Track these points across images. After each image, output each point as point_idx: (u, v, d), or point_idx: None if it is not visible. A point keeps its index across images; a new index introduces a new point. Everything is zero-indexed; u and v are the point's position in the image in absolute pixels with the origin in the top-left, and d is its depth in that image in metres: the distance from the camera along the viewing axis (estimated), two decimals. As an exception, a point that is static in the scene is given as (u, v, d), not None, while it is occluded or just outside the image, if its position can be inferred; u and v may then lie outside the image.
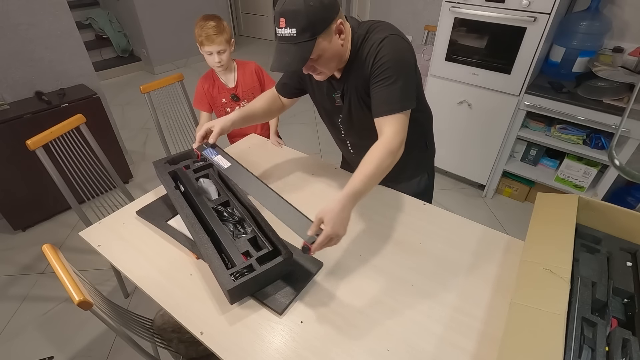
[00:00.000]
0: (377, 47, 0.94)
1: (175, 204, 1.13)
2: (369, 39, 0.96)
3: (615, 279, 0.87)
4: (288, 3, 0.85)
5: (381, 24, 0.99)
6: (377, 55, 0.94)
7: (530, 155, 2.35)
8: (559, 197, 1.08)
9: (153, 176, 2.76)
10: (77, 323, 1.75)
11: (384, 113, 0.97)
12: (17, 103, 2.14)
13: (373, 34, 0.96)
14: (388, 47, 0.93)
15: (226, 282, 0.91)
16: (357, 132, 1.19)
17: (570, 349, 0.72)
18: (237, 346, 0.87)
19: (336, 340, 0.88)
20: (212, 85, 1.62)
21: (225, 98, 1.63)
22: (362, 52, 0.98)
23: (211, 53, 1.49)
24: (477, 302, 0.97)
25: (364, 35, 0.98)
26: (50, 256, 0.94)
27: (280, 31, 0.88)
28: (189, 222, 1.07)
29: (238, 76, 1.62)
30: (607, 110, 1.82)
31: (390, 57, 0.93)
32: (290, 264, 0.99)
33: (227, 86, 1.61)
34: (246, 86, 1.61)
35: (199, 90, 1.64)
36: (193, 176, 1.23)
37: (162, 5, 4.21)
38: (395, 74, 0.94)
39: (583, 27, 1.95)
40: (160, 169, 1.24)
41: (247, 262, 0.96)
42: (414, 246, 1.14)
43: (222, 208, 1.14)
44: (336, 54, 0.96)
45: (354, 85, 1.04)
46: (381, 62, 0.94)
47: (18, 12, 2.06)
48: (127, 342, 0.99)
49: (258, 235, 1.04)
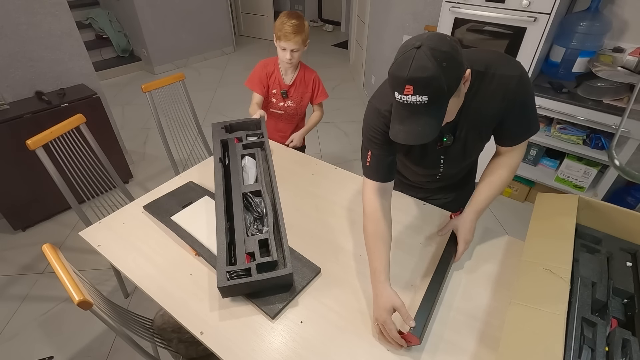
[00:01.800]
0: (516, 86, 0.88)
1: (215, 177, 1.14)
2: (497, 76, 0.89)
3: (615, 279, 0.87)
4: (417, 69, 0.70)
5: (496, 56, 0.91)
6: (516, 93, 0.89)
7: (530, 156, 2.35)
8: (559, 197, 1.08)
9: (153, 176, 2.76)
10: (77, 323, 1.75)
11: (517, 142, 1.02)
12: (17, 103, 2.14)
13: (500, 70, 0.89)
14: (526, 85, 0.90)
15: (220, 279, 0.92)
16: (458, 164, 1.14)
17: (570, 349, 0.72)
18: (237, 346, 0.87)
19: (336, 340, 0.88)
20: (270, 72, 1.65)
21: (276, 90, 1.66)
22: (487, 89, 0.90)
23: (285, 49, 1.52)
24: (477, 302, 0.97)
25: (483, 72, 0.89)
26: (50, 256, 0.94)
27: (404, 98, 0.73)
28: (218, 203, 1.09)
29: (297, 77, 1.65)
30: (607, 110, 1.82)
31: (529, 94, 0.93)
32: (287, 280, 0.96)
33: (283, 81, 1.64)
34: (300, 89, 1.66)
35: (257, 72, 1.66)
36: (240, 151, 1.23)
37: (162, 5, 4.21)
38: (532, 107, 0.96)
39: (583, 27, 1.95)
40: (215, 134, 1.26)
41: (247, 265, 0.96)
42: (414, 246, 1.14)
43: (251, 196, 1.13)
44: (460, 103, 0.86)
45: (473, 123, 0.96)
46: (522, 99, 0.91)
47: (18, 12, 2.06)
48: (127, 342, 0.99)
49: (270, 239, 1.02)
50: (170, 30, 4.42)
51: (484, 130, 1.00)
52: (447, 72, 0.71)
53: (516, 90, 0.89)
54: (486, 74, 0.89)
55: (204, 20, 4.70)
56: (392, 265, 1.07)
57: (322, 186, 1.40)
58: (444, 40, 0.72)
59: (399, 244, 1.15)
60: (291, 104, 1.69)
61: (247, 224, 1.08)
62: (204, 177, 1.44)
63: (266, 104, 1.73)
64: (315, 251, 1.11)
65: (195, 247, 1.09)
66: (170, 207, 1.26)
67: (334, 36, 6.02)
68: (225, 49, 5.17)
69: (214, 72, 4.61)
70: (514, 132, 1.00)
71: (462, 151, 1.05)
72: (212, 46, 5.00)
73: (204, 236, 1.13)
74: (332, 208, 1.29)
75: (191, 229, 1.15)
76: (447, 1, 2.08)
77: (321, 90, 1.72)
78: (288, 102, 1.68)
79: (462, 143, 1.02)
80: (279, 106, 1.70)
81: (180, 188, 1.36)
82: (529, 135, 1.00)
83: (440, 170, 1.14)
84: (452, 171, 1.17)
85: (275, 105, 1.71)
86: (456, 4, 2.05)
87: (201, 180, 1.42)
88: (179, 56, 4.67)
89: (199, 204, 1.27)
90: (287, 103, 1.68)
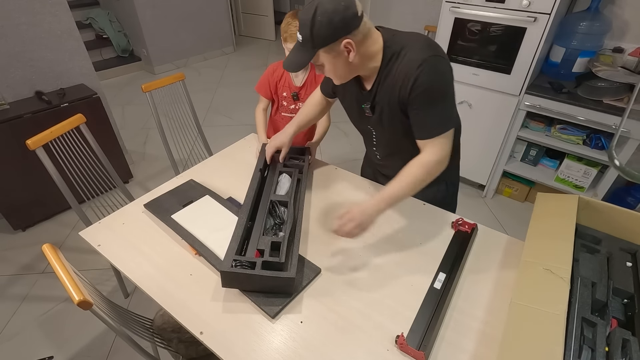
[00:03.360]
0: (417, 70, 0.90)
1: (251, 183, 1.25)
2: (406, 58, 0.94)
3: (615, 279, 0.87)
4: (304, 11, 0.89)
5: (418, 40, 0.96)
6: (417, 79, 0.91)
7: (530, 156, 2.35)
8: (559, 197, 1.08)
9: (153, 175, 2.76)
10: (77, 323, 1.75)
11: (423, 137, 1.00)
12: (17, 103, 2.14)
13: (410, 53, 0.93)
14: (428, 71, 0.90)
15: (225, 264, 0.94)
16: (386, 143, 1.20)
17: (570, 349, 0.72)
18: (237, 346, 0.87)
19: (336, 340, 0.88)
20: (280, 75, 1.63)
21: (287, 92, 1.64)
22: (397, 70, 0.95)
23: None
24: (477, 302, 0.97)
25: (398, 52, 0.95)
26: (50, 256, 0.94)
27: (297, 32, 0.93)
28: (248, 198, 1.18)
29: (308, 77, 1.63)
30: (607, 110, 1.82)
31: (431, 84, 0.92)
32: (287, 284, 0.96)
33: (294, 82, 1.62)
34: (311, 90, 1.63)
35: (267, 76, 1.65)
36: (280, 168, 1.34)
37: (162, 5, 4.21)
38: (436, 99, 0.94)
39: (583, 27, 1.95)
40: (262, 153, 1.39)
41: (254, 259, 0.97)
42: (414, 246, 1.14)
43: (278, 204, 1.19)
44: (342, 68, 0.97)
45: (386, 101, 1.02)
46: (422, 88, 0.92)
47: (18, 12, 2.06)
48: (127, 342, 0.99)
49: (283, 243, 1.03)
50: (170, 30, 4.42)
51: (395, 111, 1.02)
52: (318, 26, 0.86)
53: (416, 75, 0.91)
54: (400, 54, 0.95)
55: (204, 20, 4.70)
56: (392, 265, 1.07)
57: (321, 186, 1.40)
58: (336, 2, 0.86)
59: (399, 243, 1.15)
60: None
61: (266, 226, 1.12)
62: (204, 176, 1.44)
63: (277, 108, 1.71)
64: (315, 251, 1.11)
65: (196, 246, 1.09)
66: (170, 205, 1.26)
67: (334, 36, 6.01)
68: (225, 49, 5.17)
69: (214, 72, 4.61)
70: (416, 125, 1.01)
71: (379, 128, 1.13)
72: (212, 46, 5.00)
73: (204, 235, 1.13)
74: (332, 208, 1.29)
75: (191, 228, 1.15)
76: (447, 1, 2.08)
77: None
78: (300, 104, 1.66)
79: (378, 119, 1.09)
80: (291, 109, 1.68)
81: (181, 186, 1.36)
82: (428, 133, 0.98)
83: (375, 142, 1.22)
84: (384, 150, 1.23)
85: (287, 109, 1.68)
86: (456, 4, 2.05)
87: (202, 179, 1.41)
88: (179, 56, 4.67)
89: (200, 203, 1.27)
90: (298, 105, 1.66)
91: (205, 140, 2.06)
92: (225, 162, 1.56)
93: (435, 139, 0.99)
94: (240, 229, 1.06)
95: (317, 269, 1.05)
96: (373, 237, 1.17)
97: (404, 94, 0.96)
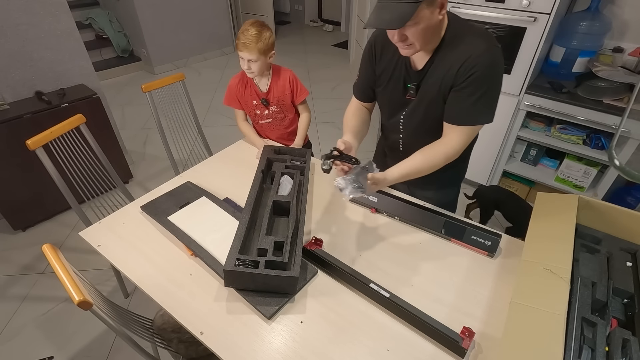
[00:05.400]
0: (478, 57, 0.90)
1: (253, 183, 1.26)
2: (468, 39, 0.92)
3: (615, 279, 0.87)
4: None
5: (481, 30, 0.95)
6: (475, 65, 0.90)
7: (530, 155, 2.35)
8: (559, 197, 1.08)
9: (153, 175, 2.76)
10: (77, 323, 1.75)
11: (457, 122, 0.99)
12: (17, 103, 2.14)
13: (474, 37, 0.92)
14: (489, 59, 0.90)
15: (228, 263, 0.95)
16: (415, 130, 1.16)
17: (570, 349, 0.72)
18: (237, 346, 0.87)
19: (336, 340, 0.88)
20: (244, 86, 1.62)
21: (255, 100, 1.63)
22: (455, 50, 0.94)
23: (242, 59, 1.48)
24: (477, 302, 0.97)
25: (461, 35, 0.94)
26: (50, 256, 0.94)
27: None
28: (250, 197, 1.19)
29: (271, 82, 1.61)
30: (607, 110, 1.82)
31: (487, 72, 0.91)
32: (290, 284, 0.97)
33: (259, 89, 1.61)
34: (278, 93, 1.61)
35: (231, 88, 1.64)
36: (281, 169, 1.34)
37: (162, 5, 4.21)
38: (485, 88, 0.93)
39: (583, 27, 1.95)
40: (264, 153, 1.43)
41: (257, 258, 0.97)
42: (413, 246, 1.14)
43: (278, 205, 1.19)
44: (432, 28, 0.91)
45: (438, 84, 0.99)
46: (477, 75, 0.91)
47: (18, 12, 2.06)
48: (127, 342, 0.99)
49: (286, 243, 1.03)
50: (170, 30, 4.42)
51: (441, 95, 1.00)
52: None
53: (474, 60, 0.91)
54: (461, 37, 0.94)
55: (204, 20, 4.70)
56: (392, 265, 1.07)
57: (321, 186, 1.40)
58: None
59: (399, 243, 1.15)
60: (275, 109, 1.64)
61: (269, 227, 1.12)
62: (203, 177, 1.44)
63: (253, 118, 1.70)
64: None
65: (192, 247, 1.09)
66: (167, 207, 1.26)
67: (334, 36, 6.02)
68: (225, 49, 5.17)
69: (214, 72, 4.61)
70: (452, 106, 0.99)
71: (416, 113, 1.09)
72: (212, 46, 5.00)
73: (200, 236, 1.13)
74: (332, 208, 1.29)
75: (188, 229, 1.15)
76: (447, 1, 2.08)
77: (300, 88, 1.65)
78: (272, 109, 1.64)
79: (418, 103, 1.07)
80: (265, 115, 1.66)
81: (177, 188, 1.36)
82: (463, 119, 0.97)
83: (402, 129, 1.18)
84: (409, 139, 1.19)
85: (262, 116, 1.66)
86: (456, 3, 2.05)
87: (201, 180, 1.42)
88: (179, 56, 4.67)
89: (196, 205, 1.27)
90: (271, 110, 1.64)
91: (205, 141, 2.06)
92: (225, 162, 1.56)
93: (464, 127, 0.98)
94: (243, 227, 1.06)
95: (314, 269, 1.05)
96: (372, 237, 1.17)
97: (460, 76, 0.94)
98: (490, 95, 0.96)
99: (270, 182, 1.34)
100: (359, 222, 1.23)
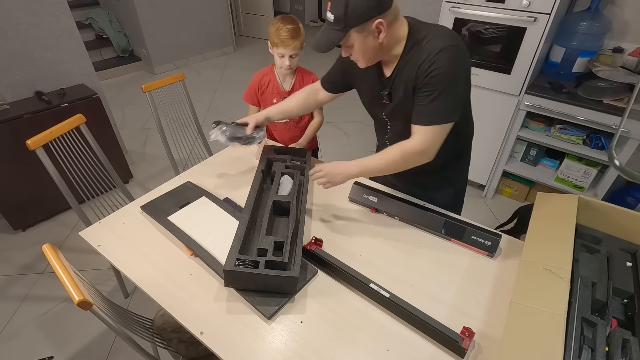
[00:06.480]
0: (433, 57, 0.92)
1: (253, 182, 1.28)
2: (425, 46, 0.95)
3: (615, 279, 0.87)
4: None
5: (442, 31, 0.97)
6: (431, 65, 0.93)
7: (530, 156, 2.35)
8: (559, 197, 1.08)
9: (153, 175, 2.76)
10: (77, 323, 1.75)
11: (416, 122, 1.00)
12: (17, 103, 2.14)
13: (431, 42, 0.94)
14: (443, 59, 0.92)
15: (228, 263, 0.95)
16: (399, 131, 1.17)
17: (570, 349, 0.72)
18: (237, 346, 0.87)
19: (336, 340, 0.88)
20: (266, 83, 1.62)
21: (276, 99, 1.62)
22: (416, 57, 0.96)
23: (283, 56, 1.48)
24: (477, 302, 0.97)
25: (421, 39, 0.96)
26: (50, 256, 0.94)
27: (328, 12, 0.93)
28: (250, 197, 1.20)
29: (296, 82, 1.61)
30: (607, 110, 1.82)
31: (442, 71, 0.92)
32: (290, 284, 0.97)
33: (282, 88, 1.61)
34: None
35: (253, 84, 1.64)
36: (281, 169, 1.34)
37: (162, 5, 4.21)
38: (442, 88, 0.94)
39: (583, 27, 1.95)
40: (265, 153, 1.44)
41: (257, 258, 0.97)
42: (413, 246, 1.14)
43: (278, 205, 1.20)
44: (370, 50, 0.97)
45: (403, 89, 1.03)
46: (433, 74, 0.93)
47: (18, 12, 2.06)
48: (127, 342, 0.99)
49: (286, 243, 1.03)
50: (170, 30, 4.42)
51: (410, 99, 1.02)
52: (352, 5, 0.87)
53: (433, 60, 0.92)
54: (422, 42, 0.96)
55: (204, 20, 4.70)
56: (392, 265, 1.07)
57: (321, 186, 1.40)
58: None
59: (399, 243, 1.15)
60: None
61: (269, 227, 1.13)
62: (203, 177, 1.44)
63: None
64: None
65: (192, 247, 1.09)
66: (167, 207, 1.26)
67: (334, 36, 6.00)
68: (225, 49, 5.17)
69: (214, 72, 4.61)
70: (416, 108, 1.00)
71: (394, 115, 1.13)
72: (212, 46, 5.00)
73: (200, 236, 1.13)
74: (332, 207, 1.29)
75: (187, 229, 1.15)
76: (447, 1, 2.08)
77: None
78: None
79: (393, 107, 1.10)
80: None
81: (177, 188, 1.36)
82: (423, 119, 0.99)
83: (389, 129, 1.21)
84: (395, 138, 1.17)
85: None
86: (456, 4, 2.05)
87: (201, 180, 1.42)
88: (179, 56, 4.67)
89: (196, 205, 1.27)
90: None
91: (205, 140, 2.06)
92: (225, 162, 1.56)
93: (428, 127, 0.98)
94: (243, 227, 1.06)
95: (314, 269, 1.05)
96: (372, 237, 1.17)
97: (419, 78, 0.96)
98: (448, 94, 0.96)
99: (270, 182, 1.35)
100: (359, 222, 1.23)
